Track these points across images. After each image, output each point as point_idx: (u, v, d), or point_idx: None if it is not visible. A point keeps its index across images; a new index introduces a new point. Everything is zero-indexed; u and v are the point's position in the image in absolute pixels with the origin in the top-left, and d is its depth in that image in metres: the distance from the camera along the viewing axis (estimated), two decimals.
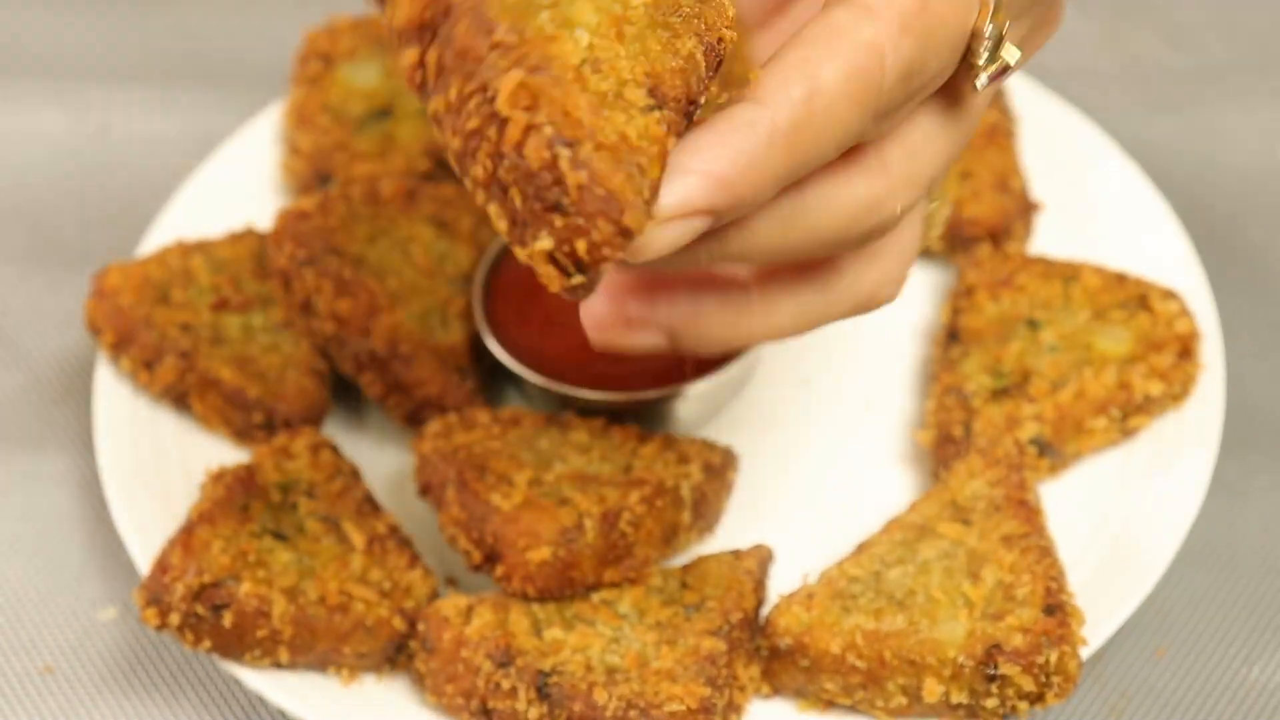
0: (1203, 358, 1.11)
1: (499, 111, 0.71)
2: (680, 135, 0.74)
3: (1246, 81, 1.39)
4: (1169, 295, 1.13)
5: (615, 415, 1.10)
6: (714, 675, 0.97)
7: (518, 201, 0.71)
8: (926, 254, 1.20)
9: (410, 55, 0.75)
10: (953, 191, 1.19)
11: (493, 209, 0.73)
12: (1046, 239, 1.23)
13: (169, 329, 1.13)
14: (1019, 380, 1.10)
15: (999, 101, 1.26)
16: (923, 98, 0.79)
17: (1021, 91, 1.29)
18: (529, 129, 0.70)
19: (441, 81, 0.74)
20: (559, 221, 0.71)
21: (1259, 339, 1.21)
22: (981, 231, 1.19)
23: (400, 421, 1.14)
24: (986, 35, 0.77)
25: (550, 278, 0.73)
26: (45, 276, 1.29)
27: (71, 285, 1.25)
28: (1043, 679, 0.95)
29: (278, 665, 1.01)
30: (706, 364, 1.11)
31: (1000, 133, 1.24)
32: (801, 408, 1.16)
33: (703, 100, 0.75)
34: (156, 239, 1.22)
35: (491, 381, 1.17)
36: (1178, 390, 1.10)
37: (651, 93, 0.73)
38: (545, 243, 0.71)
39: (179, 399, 1.14)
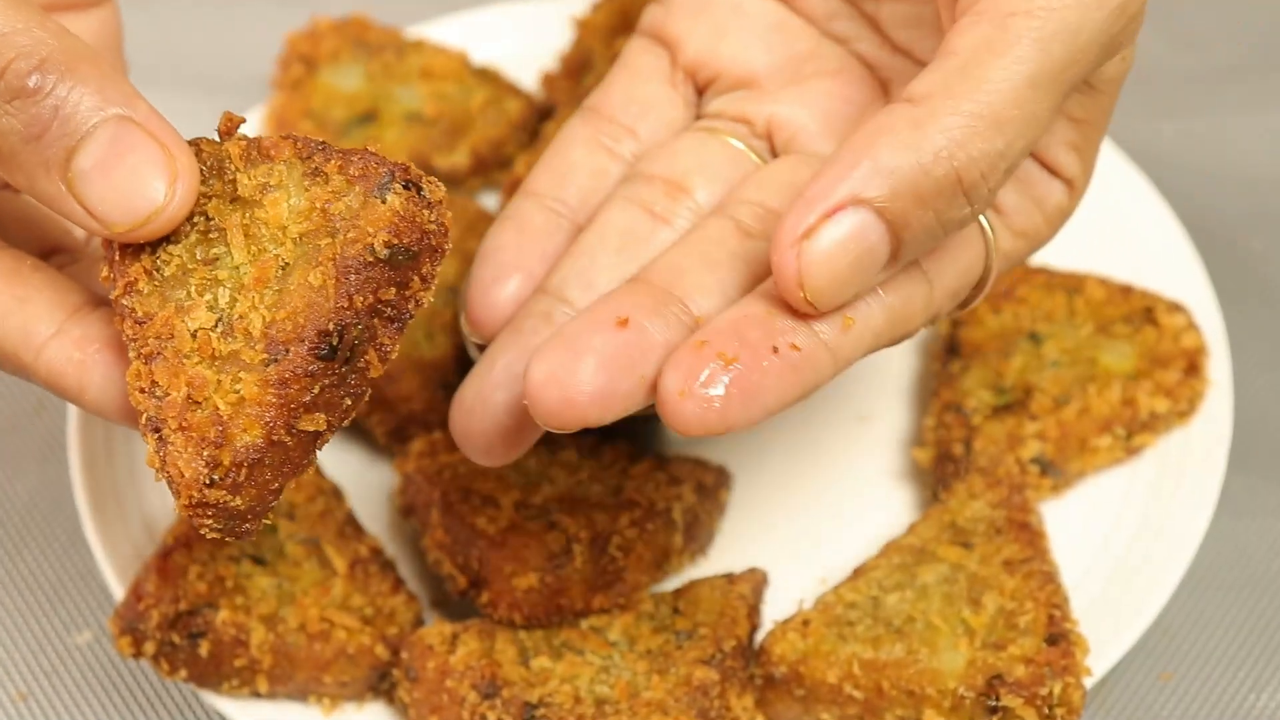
0: (1210, 373, 1.09)
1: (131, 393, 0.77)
2: (313, 372, 0.74)
3: (1254, 86, 1.36)
4: (1175, 308, 1.10)
5: (605, 433, 1.07)
6: (706, 707, 0.94)
7: None
8: None
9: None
10: None
11: None
12: (1049, 248, 1.19)
13: None
14: (1021, 396, 1.07)
15: None
16: None
17: None
18: (143, 414, 0.77)
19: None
20: (176, 502, 0.76)
21: (1269, 352, 1.18)
22: None
23: (383, 439, 1.11)
24: None
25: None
26: None
27: None
28: (1045, 711, 0.93)
29: (256, 695, 0.99)
30: None
31: None
32: (796, 426, 1.13)
33: (357, 326, 0.75)
34: None
35: None
36: (1184, 407, 1.07)
37: (269, 344, 0.74)
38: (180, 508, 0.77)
39: None
